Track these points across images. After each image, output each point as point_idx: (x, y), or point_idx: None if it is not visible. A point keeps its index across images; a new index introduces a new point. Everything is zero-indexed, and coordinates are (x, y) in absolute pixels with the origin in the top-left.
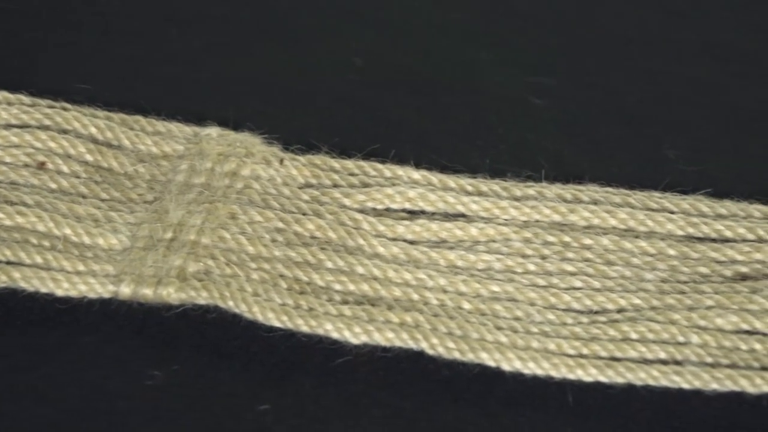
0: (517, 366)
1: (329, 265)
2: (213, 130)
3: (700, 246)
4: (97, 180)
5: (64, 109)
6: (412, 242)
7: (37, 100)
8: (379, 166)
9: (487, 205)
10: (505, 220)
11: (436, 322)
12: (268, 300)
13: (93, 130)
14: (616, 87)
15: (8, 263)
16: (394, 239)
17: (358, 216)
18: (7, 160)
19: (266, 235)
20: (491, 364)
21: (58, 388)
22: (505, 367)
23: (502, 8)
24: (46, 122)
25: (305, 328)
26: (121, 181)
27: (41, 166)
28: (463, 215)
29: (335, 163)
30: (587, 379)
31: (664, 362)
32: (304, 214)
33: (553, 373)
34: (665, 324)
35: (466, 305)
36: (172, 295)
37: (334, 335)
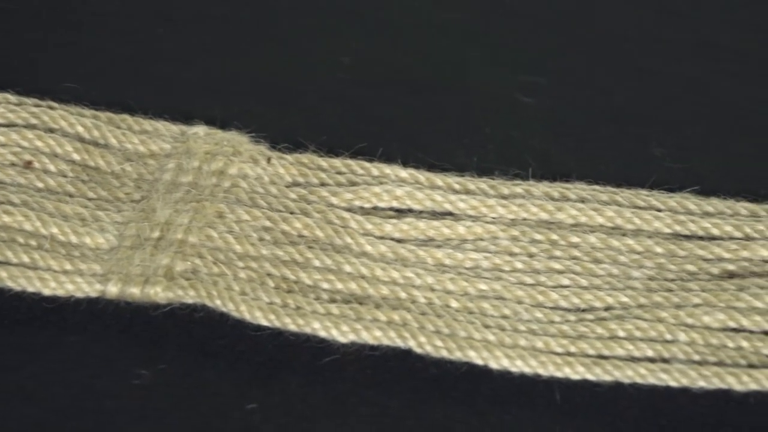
0: (505, 364)
1: (317, 263)
2: (200, 129)
3: (687, 244)
4: (84, 179)
5: (51, 108)
6: (399, 241)
7: (24, 99)
8: (367, 164)
9: (474, 203)
10: (493, 218)
11: (423, 320)
12: (256, 299)
13: (80, 129)
14: (603, 85)
15: None
16: (381, 238)
17: (346, 214)
18: None
19: (253, 234)
20: (479, 362)
21: (45, 387)
22: (493, 366)
23: (490, 7)
24: (33, 121)
25: (293, 327)
26: (108, 180)
27: (28, 165)
28: (450, 214)
29: (322, 162)
30: (575, 377)
31: (651, 360)
32: (292, 213)
33: (541, 371)
34: (652, 322)
35: (454, 303)
36: (159, 294)
37: (322, 334)
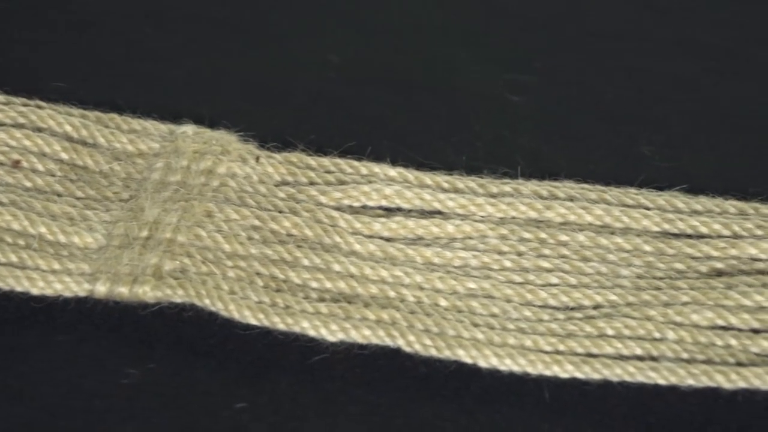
0: (494, 362)
1: (306, 262)
2: (189, 128)
3: (676, 242)
4: (73, 178)
5: (39, 108)
6: (388, 239)
7: (12, 99)
8: (356, 163)
9: (463, 202)
10: (482, 217)
11: (412, 319)
12: (245, 298)
13: (68, 129)
14: (592, 84)
15: None
16: (370, 236)
17: (335, 213)
18: None
19: (242, 233)
20: (468, 360)
21: (34, 386)
22: (482, 364)
23: (479, 5)
24: (21, 120)
25: (282, 326)
26: (96, 179)
27: (16, 164)
28: (439, 212)
29: (311, 161)
30: (563, 375)
31: (640, 358)
32: (281, 212)
33: (530, 370)
34: (641, 320)
35: (443, 302)
36: (148, 293)
37: (311, 333)
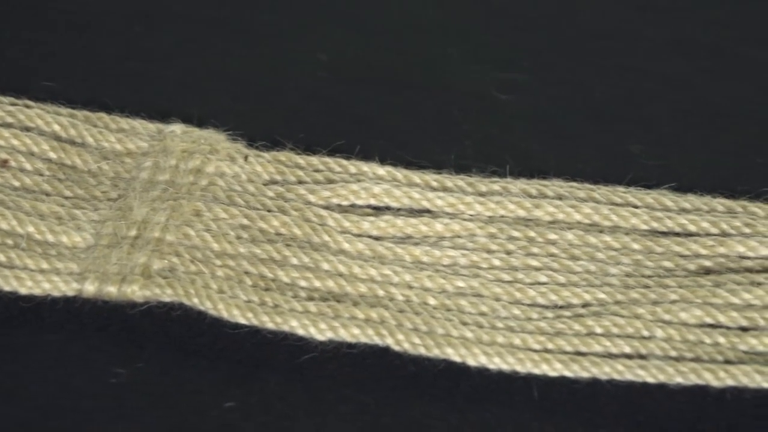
0: (483, 361)
1: (294, 261)
2: (177, 127)
3: (664, 240)
4: (61, 177)
5: (27, 107)
6: (377, 238)
7: (0, 98)
8: (344, 162)
9: (452, 200)
10: (471, 215)
11: (401, 317)
12: (233, 297)
13: (56, 128)
14: (581, 83)
15: None
16: (359, 235)
17: (324, 212)
18: None
19: (231, 232)
20: (457, 359)
21: (22, 386)
22: (471, 363)
23: (469, 4)
24: (9, 120)
25: (270, 325)
26: (84, 178)
27: (4, 164)
28: (428, 211)
29: (300, 160)
30: (552, 373)
31: (628, 356)
32: (269, 211)
33: (519, 368)
34: (630, 318)
35: (432, 301)
36: (136, 292)
37: (300, 332)
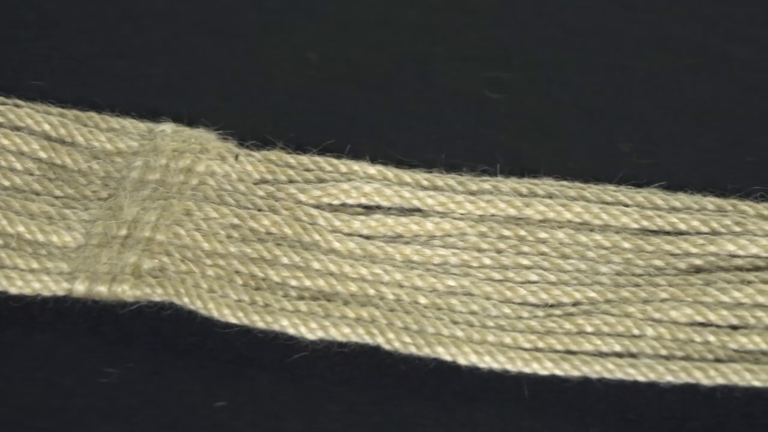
0: (473, 360)
1: (285, 260)
2: (167, 126)
3: (655, 239)
4: (51, 177)
5: (17, 106)
6: (367, 237)
7: None
8: (335, 161)
9: (442, 199)
10: (461, 214)
11: (392, 317)
12: (224, 296)
13: (46, 127)
14: (571, 81)
15: None
16: (349, 234)
17: (314, 211)
18: None
19: (221, 232)
20: (447, 358)
21: (12, 386)
22: (461, 362)
23: (458, 3)
24: None
25: (261, 325)
26: (75, 178)
27: None
28: (418, 210)
29: (290, 159)
30: (543, 372)
31: (619, 355)
32: (260, 210)
33: (509, 367)
34: (620, 317)
35: (422, 300)
36: (126, 292)
37: (290, 331)
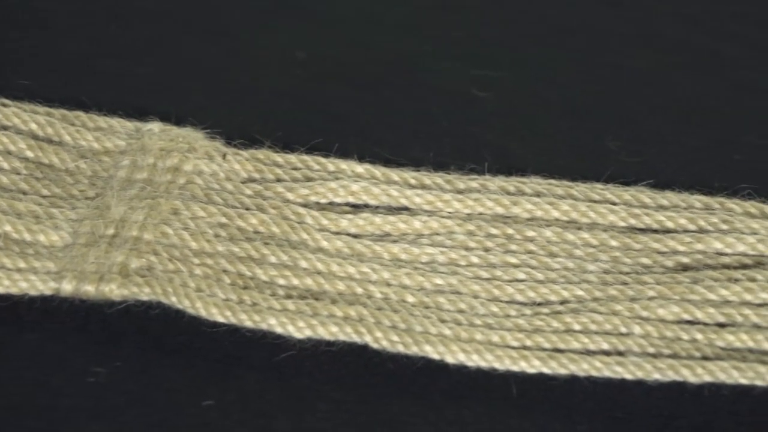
0: (461, 358)
1: (272, 259)
2: (155, 126)
3: (642, 237)
4: (38, 176)
5: (4, 105)
6: (355, 236)
7: None
8: (323, 160)
9: (430, 198)
10: (449, 213)
11: (379, 315)
12: (212, 295)
13: (33, 126)
14: (558, 80)
15: None
16: (337, 233)
17: (302, 210)
18: None
19: (209, 231)
20: (435, 356)
21: (0, 385)
22: (449, 360)
23: (445, 1)
24: None
25: (249, 323)
26: (62, 177)
27: None
28: (406, 208)
29: (278, 158)
30: (531, 370)
31: (606, 353)
32: (247, 209)
33: (497, 365)
34: (608, 315)
35: (410, 298)
36: (114, 291)
37: (278, 330)
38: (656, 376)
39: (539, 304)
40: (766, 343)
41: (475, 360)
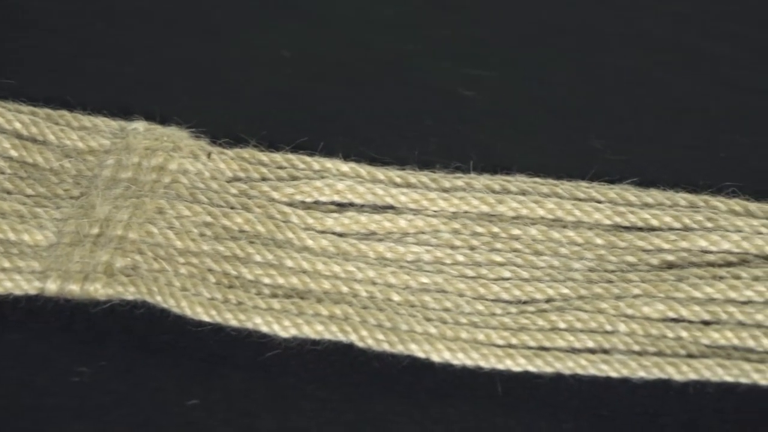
0: (447, 357)
1: (258, 258)
2: (140, 125)
3: (627, 235)
4: (23, 176)
5: None
6: (341, 235)
7: None
8: (308, 158)
9: (415, 196)
10: (434, 211)
11: (365, 314)
12: (197, 294)
13: (18, 126)
14: (544, 78)
15: None
16: (323, 232)
17: (287, 209)
18: None
19: (194, 230)
20: (421, 355)
21: None
22: (435, 358)
23: (432, 0)
24: None
25: (234, 323)
26: (46, 176)
27: None
28: (392, 207)
29: (263, 157)
30: (516, 368)
31: (591, 351)
32: (233, 208)
33: (483, 364)
34: (593, 313)
35: (396, 297)
36: (99, 290)
37: (264, 329)
38: (641, 374)
39: (525, 303)
40: (751, 340)
41: (460, 358)
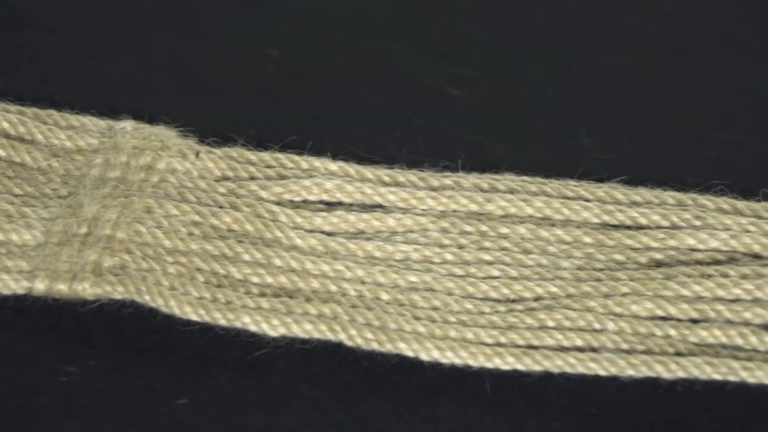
0: (436, 355)
1: (246, 257)
2: (128, 124)
3: (616, 233)
4: (10, 175)
5: None
6: (329, 234)
7: None
8: (296, 157)
9: (404, 195)
10: (423, 210)
11: (354, 313)
12: (185, 294)
13: (5, 125)
14: (532, 76)
15: None
16: (311, 231)
17: (276, 208)
18: None
19: (183, 229)
20: (410, 354)
21: None
22: (424, 357)
23: None
24: None
25: (223, 322)
26: (34, 176)
27: None
28: (380, 206)
29: (252, 156)
30: (505, 367)
31: (580, 349)
32: (221, 207)
33: (471, 362)
34: (581, 311)
35: (384, 296)
36: (87, 290)
37: (252, 328)
38: (630, 372)
39: (513, 301)
40: (739, 338)
41: (449, 357)
